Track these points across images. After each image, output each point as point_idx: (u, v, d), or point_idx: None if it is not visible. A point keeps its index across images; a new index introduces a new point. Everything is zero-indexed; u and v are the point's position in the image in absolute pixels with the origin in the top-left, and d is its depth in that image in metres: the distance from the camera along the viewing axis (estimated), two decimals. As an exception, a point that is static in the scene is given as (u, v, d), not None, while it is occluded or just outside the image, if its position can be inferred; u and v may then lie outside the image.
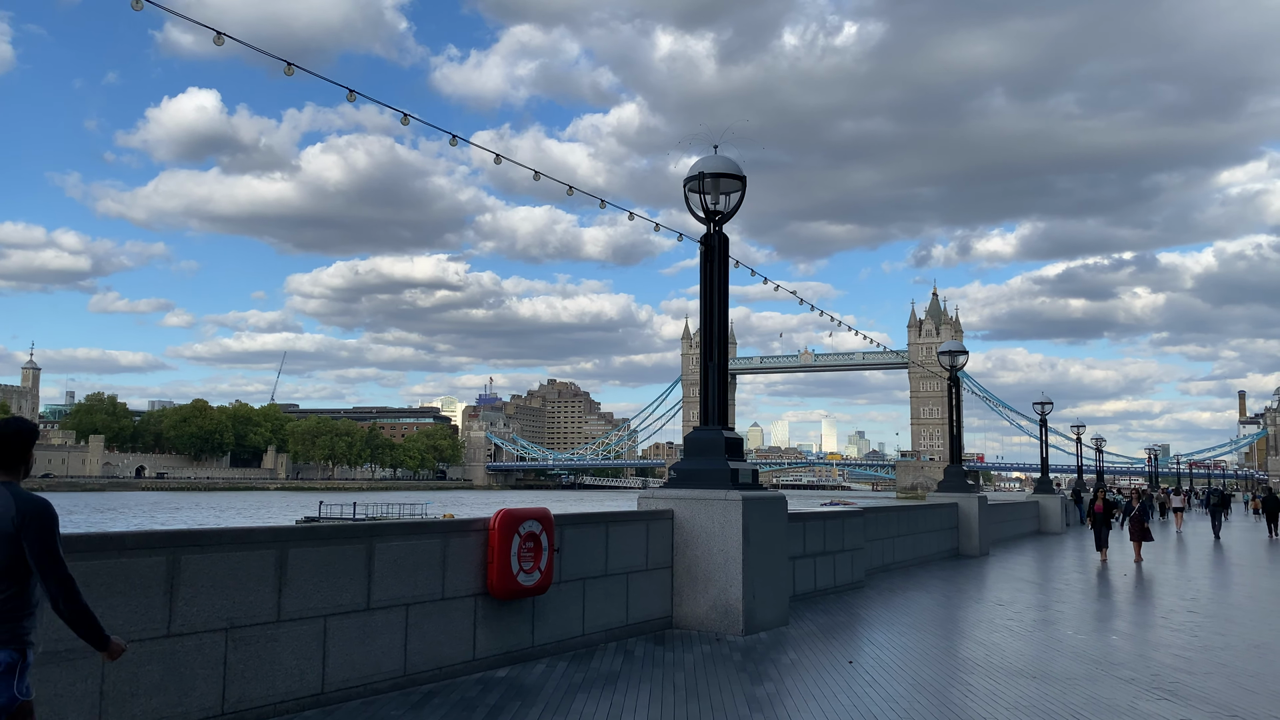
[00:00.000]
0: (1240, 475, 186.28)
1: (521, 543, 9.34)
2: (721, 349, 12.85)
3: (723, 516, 11.95)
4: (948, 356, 27.72)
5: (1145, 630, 13.78)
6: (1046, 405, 40.92)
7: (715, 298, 12.82)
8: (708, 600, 11.93)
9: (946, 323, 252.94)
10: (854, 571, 17.45)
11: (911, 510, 23.08)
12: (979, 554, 26.15)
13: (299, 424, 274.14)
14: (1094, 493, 27.14)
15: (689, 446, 12.74)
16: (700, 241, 13.01)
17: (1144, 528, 25.80)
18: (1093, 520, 26.31)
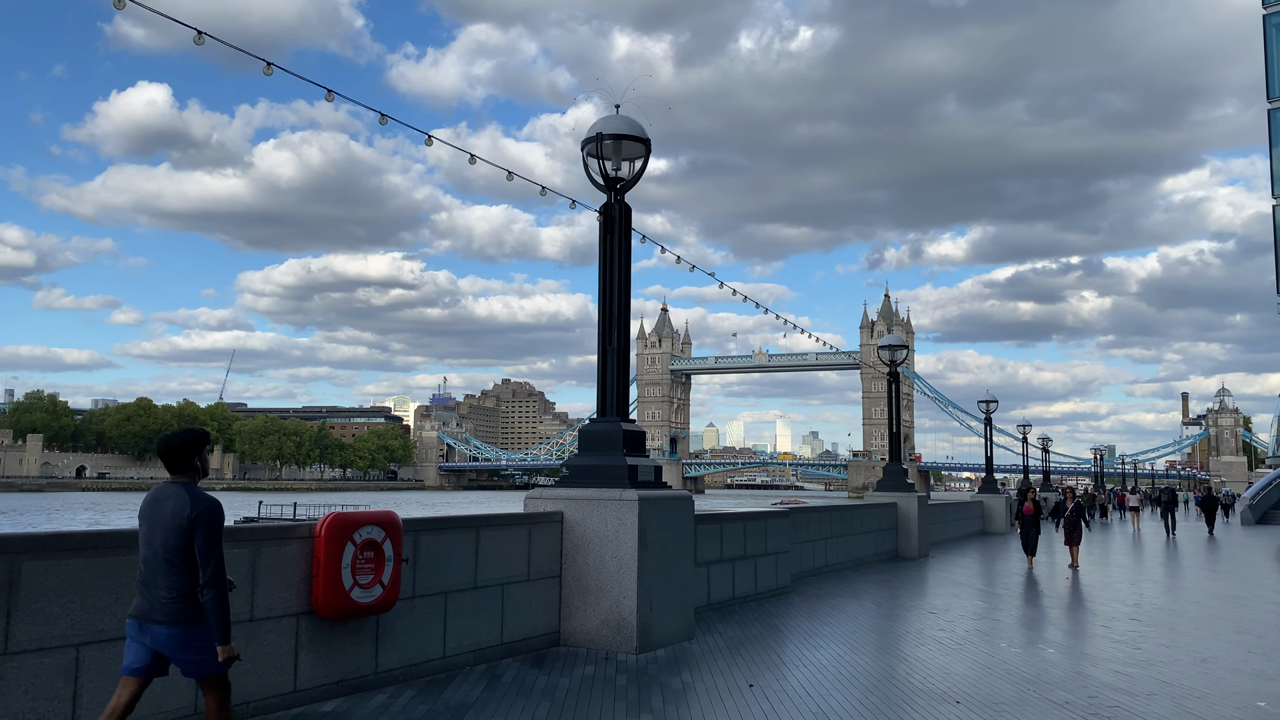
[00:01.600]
0: (1182, 475, 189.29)
1: (357, 552, 7.89)
2: (622, 331, 11.48)
3: (617, 519, 10.58)
4: (887, 351, 26.67)
5: (1084, 642, 12.66)
6: (992, 404, 40.18)
7: (615, 274, 11.46)
8: (599, 613, 10.56)
9: (898, 324, 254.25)
10: (778, 577, 16.19)
11: (846, 510, 21.92)
12: (918, 556, 25.10)
13: (246, 423, 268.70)
14: (1022, 493, 25.17)
15: (583, 440, 11.35)
16: (599, 212, 11.64)
17: (1079, 530, 23.94)
18: (1020, 524, 23.98)
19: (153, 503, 5.44)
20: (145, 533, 5.39)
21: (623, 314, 11.52)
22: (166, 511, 5.33)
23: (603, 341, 11.47)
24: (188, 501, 5.28)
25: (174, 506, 5.31)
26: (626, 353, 11.53)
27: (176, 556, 5.25)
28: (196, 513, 5.25)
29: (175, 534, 5.24)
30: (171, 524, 5.28)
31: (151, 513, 5.40)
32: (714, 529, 14.24)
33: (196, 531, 5.23)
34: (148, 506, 5.45)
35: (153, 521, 5.36)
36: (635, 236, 19.83)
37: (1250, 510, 52.37)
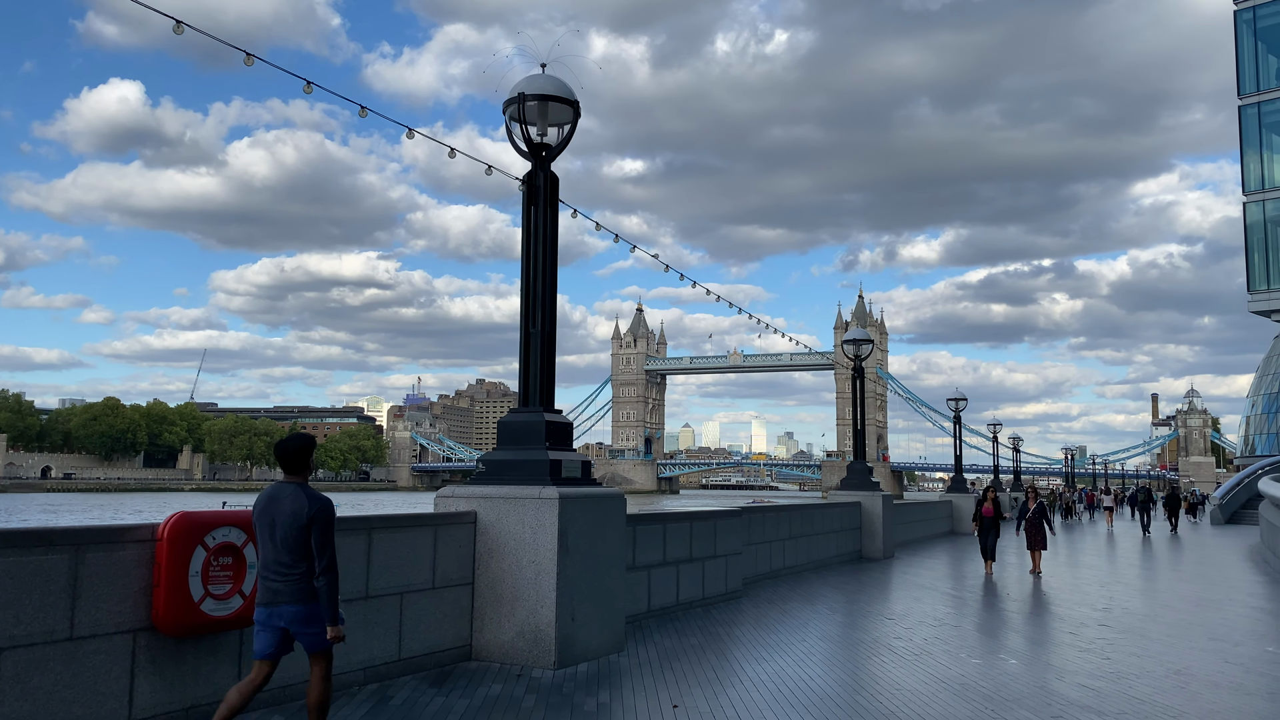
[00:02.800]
0: (1152, 475, 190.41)
1: (210, 558, 6.80)
2: (548, 313, 10.44)
3: (535, 519, 9.53)
4: (852, 346, 25.77)
5: (1050, 651, 11.74)
6: (960, 402, 39.45)
7: (540, 250, 10.41)
8: (514, 625, 9.50)
9: (872, 325, 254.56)
10: (728, 580, 15.20)
11: (806, 510, 20.97)
12: (883, 557, 24.22)
13: (216, 423, 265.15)
14: (982, 493, 22.79)
15: (502, 432, 10.29)
16: (521, 181, 10.59)
17: (1041, 533, 21.22)
18: (979, 526, 21.60)
19: (271, 500, 6.14)
20: (266, 528, 6.11)
21: (548, 294, 10.48)
22: (286, 509, 6.05)
23: (525, 324, 10.42)
24: (305, 501, 6.03)
25: (293, 505, 6.04)
26: (552, 337, 10.49)
27: (296, 548, 5.98)
28: (314, 511, 6.01)
29: (295, 529, 5.98)
30: (291, 520, 6.00)
31: (271, 510, 6.12)
32: (656, 530, 13.23)
33: (313, 527, 5.97)
34: (266, 504, 6.16)
35: (273, 517, 6.08)
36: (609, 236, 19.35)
37: (1220, 510, 52.04)
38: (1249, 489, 55.92)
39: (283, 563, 6.03)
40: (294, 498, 6.08)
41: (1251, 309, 45.50)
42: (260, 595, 6.12)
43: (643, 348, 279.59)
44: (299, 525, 6.01)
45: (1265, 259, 45.18)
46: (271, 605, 6.06)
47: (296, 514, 6.02)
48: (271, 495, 6.19)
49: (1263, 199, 45.32)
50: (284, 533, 6.03)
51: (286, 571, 6.03)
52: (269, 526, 6.11)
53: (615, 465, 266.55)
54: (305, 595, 6.03)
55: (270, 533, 6.10)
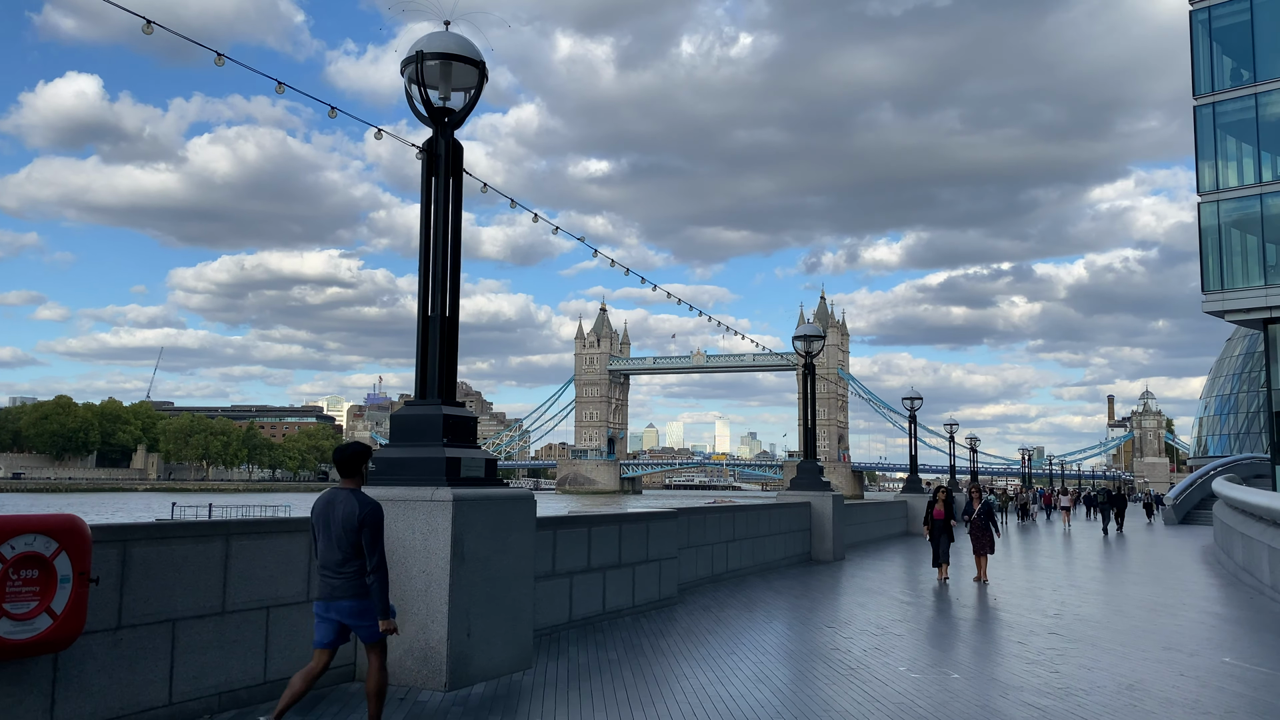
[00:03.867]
0: (1108, 476, 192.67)
1: (7, 569, 5.76)
2: (451, 296, 9.48)
3: (426, 524, 8.56)
4: (803, 342, 24.99)
5: (996, 663, 10.97)
6: (916, 401, 38.90)
7: (442, 225, 9.44)
8: (402, 641, 8.52)
9: (834, 326, 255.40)
10: (662, 586, 14.30)
11: (752, 511, 20.15)
12: (833, 559, 23.48)
13: (171, 422, 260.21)
14: (933, 493, 20.67)
15: (395, 427, 9.30)
16: (420, 149, 9.61)
17: (988, 536, 19.50)
18: (930, 529, 19.90)
19: (327, 505, 6.67)
20: (323, 529, 6.63)
21: (452, 275, 9.52)
22: (340, 513, 6.55)
23: (423, 308, 9.44)
24: (356, 505, 6.53)
25: (345, 509, 6.53)
26: (455, 322, 9.52)
27: (349, 547, 6.48)
28: (364, 514, 6.49)
29: (348, 531, 6.47)
30: (344, 523, 6.49)
31: (326, 513, 6.63)
32: (580, 533, 12.29)
33: (364, 530, 6.46)
34: (322, 508, 6.68)
35: (329, 520, 6.59)
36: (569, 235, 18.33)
37: (1173, 510, 52.12)
38: (1202, 489, 56.14)
39: (337, 561, 6.55)
40: (347, 501, 6.61)
41: (1206, 309, 45.43)
42: (319, 590, 6.68)
43: (606, 348, 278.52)
44: (351, 527, 6.51)
45: (1219, 260, 45.12)
46: (329, 600, 6.58)
47: (349, 517, 6.53)
48: (328, 499, 6.74)
49: (1217, 200, 45.28)
50: (338, 533, 6.54)
51: (340, 569, 6.54)
52: (325, 527, 6.64)
53: (578, 465, 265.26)
54: (359, 591, 6.53)
55: (327, 533, 6.62)
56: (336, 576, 6.56)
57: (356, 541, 6.52)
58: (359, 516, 6.52)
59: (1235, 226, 45.22)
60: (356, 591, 6.53)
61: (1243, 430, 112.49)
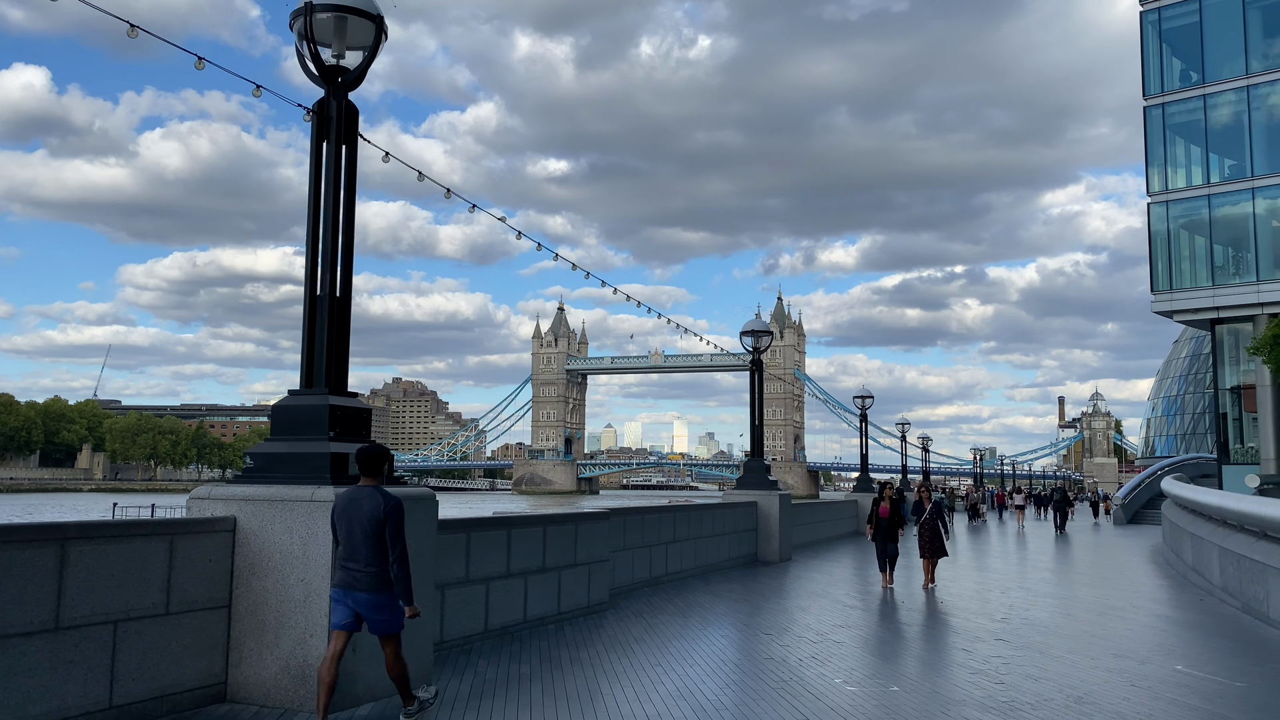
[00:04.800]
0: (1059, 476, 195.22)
1: None
2: (343, 273, 8.57)
3: (305, 527, 7.66)
4: (751, 338, 24.32)
5: (939, 673, 10.29)
6: (867, 400, 38.48)
7: (333, 196, 8.53)
8: (278, 657, 7.60)
9: (790, 327, 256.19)
10: (592, 592, 13.46)
11: (693, 511, 19.38)
12: (779, 560, 22.80)
13: (118, 421, 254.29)
14: (879, 490, 19.04)
15: (275, 419, 8.37)
16: (310, 111, 8.69)
17: (938, 539, 17.98)
18: (874, 529, 18.13)
19: (351, 501, 7.00)
20: (346, 524, 6.97)
21: (344, 250, 8.61)
22: (365, 509, 6.92)
23: (310, 286, 8.52)
24: (381, 500, 6.94)
25: (370, 505, 6.92)
26: (346, 304, 8.61)
27: (374, 541, 6.88)
28: (389, 509, 6.92)
29: (373, 525, 6.87)
30: (369, 517, 6.89)
31: (351, 509, 6.97)
32: (498, 536, 11.41)
33: (388, 524, 6.89)
34: (346, 504, 7.01)
35: (353, 515, 6.94)
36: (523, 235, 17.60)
37: (1122, 510, 52.37)
38: (1150, 489, 56.55)
39: (360, 555, 6.90)
40: (371, 497, 6.95)
41: (1155, 309, 45.59)
42: (338, 578, 6.97)
43: (564, 347, 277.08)
44: (376, 521, 6.87)
45: (1168, 262, 45.29)
46: (347, 588, 6.91)
47: (374, 511, 6.88)
48: (351, 496, 7.05)
49: (1166, 201, 45.47)
50: (363, 527, 6.88)
51: (363, 563, 6.90)
52: (348, 522, 6.96)
53: (534, 465, 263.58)
54: (377, 586, 6.88)
55: (349, 528, 6.95)
56: (358, 569, 6.89)
57: (381, 535, 6.89)
58: (384, 510, 6.89)
59: (1184, 228, 45.44)
60: (375, 585, 6.87)
61: (1189, 431, 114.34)
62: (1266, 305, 40.90)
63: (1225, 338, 45.04)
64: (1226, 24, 43.79)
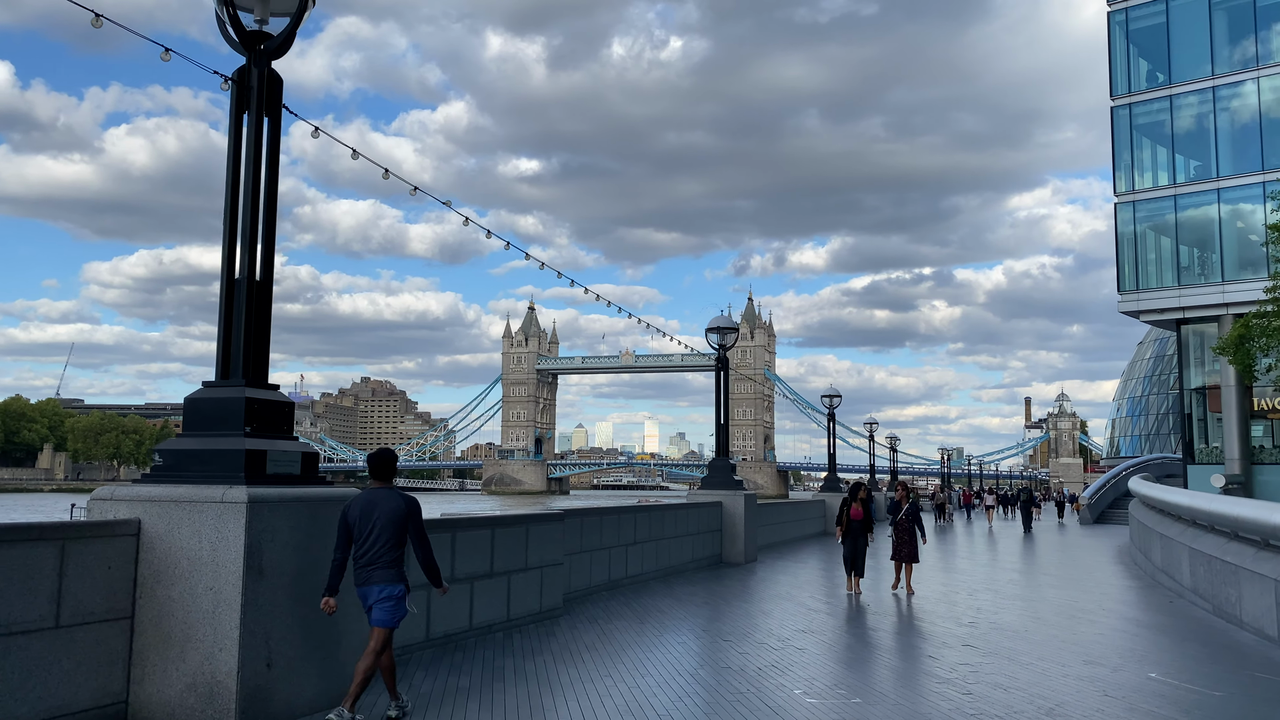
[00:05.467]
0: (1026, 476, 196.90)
1: None
2: (264, 255, 7.92)
3: (215, 531, 6.99)
4: (716, 334, 23.78)
5: (904, 683, 9.79)
6: (835, 399, 38.13)
7: (254, 173, 7.88)
8: (185, 673, 6.94)
9: (760, 327, 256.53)
10: (544, 597, 12.84)
11: (656, 512, 18.81)
12: (745, 561, 22.29)
13: (80, 420, 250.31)
14: (850, 490, 17.82)
15: (188, 413, 7.69)
16: (229, 79, 8.02)
17: (912, 541, 17.12)
18: (843, 532, 16.97)
19: (370, 503, 7.41)
20: (365, 524, 7.34)
21: (265, 231, 7.96)
22: (386, 508, 7.40)
23: (228, 269, 7.86)
24: (401, 500, 7.48)
25: (392, 504, 7.42)
26: (268, 288, 7.95)
27: (396, 537, 7.37)
28: (410, 507, 7.50)
29: (395, 523, 7.37)
30: (391, 516, 7.37)
31: (370, 510, 7.38)
32: (442, 539, 10.74)
33: (410, 521, 7.48)
34: (366, 505, 7.41)
35: (373, 516, 7.35)
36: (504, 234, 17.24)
37: (1088, 510, 52.49)
38: (1115, 489, 56.76)
39: (381, 551, 7.28)
40: (390, 498, 7.42)
41: (1121, 310, 45.64)
42: (357, 579, 7.29)
43: (534, 347, 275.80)
44: (399, 518, 7.34)
45: (1135, 262, 45.36)
46: (366, 585, 7.26)
47: (396, 510, 7.35)
48: (369, 499, 7.42)
49: (1133, 201, 45.53)
50: (384, 525, 7.30)
51: (381, 559, 7.28)
52: (368, 523, 7.31)
53: (504, 465, 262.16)
54: (390, 578, 7.29)
55: (370, 528, 7.30)
56: (375, 565, 7.25)
57: (402, 532, 7.37)
58: (405, 509, 7.39)
59: (1150, 229, 45.52)
60: (388, 578, 7.28)
61: (1153, 431, 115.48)
62: (1231, 306, 40.98)
63: (1191, 338, 45.17)
64: (1193, 25, 43.91)
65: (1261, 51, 41.88)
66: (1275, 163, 40.26)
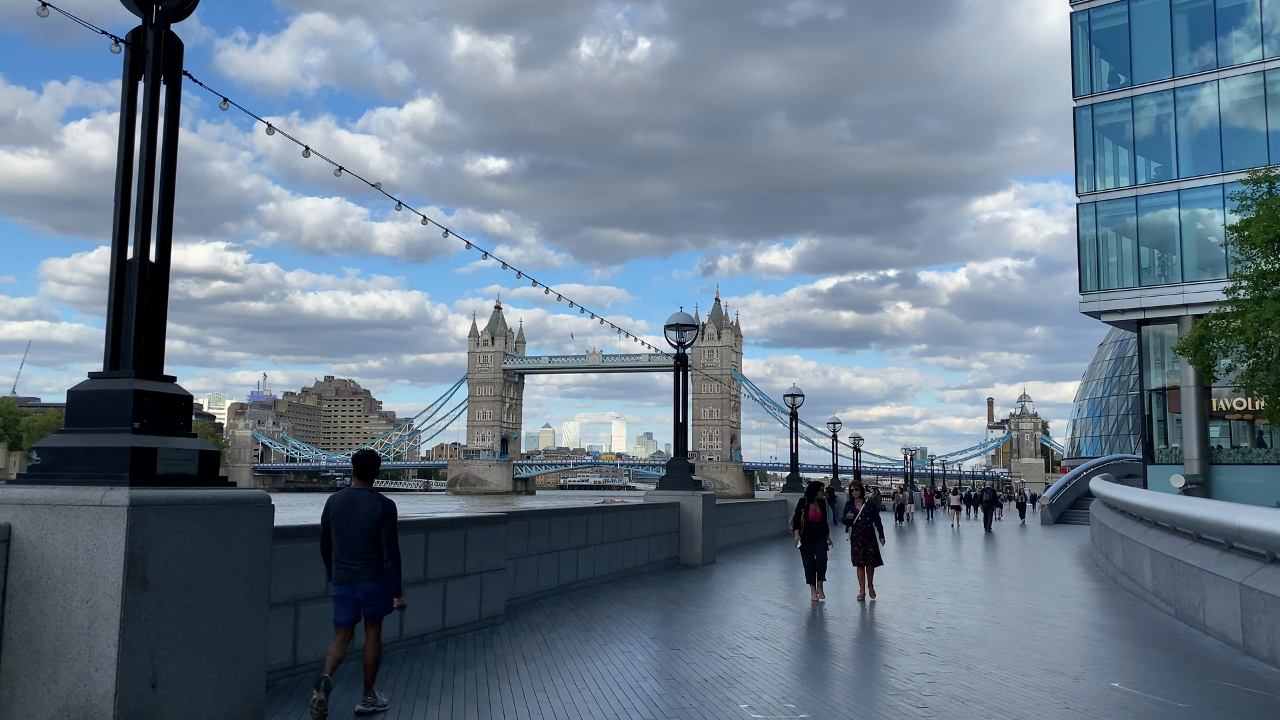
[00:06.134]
0: (988, 476, 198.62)
1: None
2: (160, 236, 7.22)
3: (93, 538, 6.29)
4: (675, 331, 23.24)
5: (857, 694, 9.27)
6: (798, 398, 37.75)
7: (148, 144, 7.19)
8: (58, 696, 6.23)
9: (727, 327, 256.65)
10: (484, 604, 12.20)
11: (610, 513, 18.23)
12: (703, 563, 21.75)
13: (36, 419, 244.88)
14: (808, 490, 16.67)
15: (71, 407, 6.96)
16: (122, 41, 7.32)
17: (873, 544, 15.97)
18: (801, 536, 15.94)
19: (348, 503, 7.84)
20: (344, 524, 7.78)
21: (161, 209, 7.26)
22: (363, 509, 7.77)
23: (119, 250, 7.15)
24: (378, 502, 7.81)
25: (368, 506, 7.77)
26: (163, 272, 7.25)
27: (372, 538, 7.70)
28: (385, 510, 7.79)
29: (371, 524, 7.71)
30: (368, 518, 7.73)
31: (348, 510, 7.80)
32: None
33: (385, 523, 7.74)
34: (343, 506, 7.84)
35: (351, 516, 7.76)
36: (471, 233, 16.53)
37: (1050, 510, 52.60)
38: (1077, 489, 56.97)
39: (359, 551, 7.67)
40: (368, 499, 7.76)
41: (1083, 310, 45.72)
42: (338, 576, 7.73)
43: (500, 346, 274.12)
44: (374, 521, 7.66)
45: (1096, 262, 45.48)
46: (350, 583, 7.68)
47: (372, 513, 7.67)
48: (347, 498, 7.84)
49: (1095, 201, 45.61)
50: (361, 525, 7.67)
51: (363, 557, 7.67)
52: (347, 522, 7.70)
53: (469, 466, 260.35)
54: (376, 575, 7.70)
55: (349, 527, 7.69)
56: (359, 564, 7.66)
57: (378, 533, 7.67)
58: (381, 512, 7.69)
59: (1112, 229, 45.63)
60: (374, 576, 7.67)
61: (1113, 432, 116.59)
62: (1191, 307, 41.14)
63: (1151, 339, 45.35)
64: (1154, 28, 44.06)
65: (1221, 54, 42.10)
66: (1234, 165, 40.41)
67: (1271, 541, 10.51)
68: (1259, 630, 10.67)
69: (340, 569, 7.70)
